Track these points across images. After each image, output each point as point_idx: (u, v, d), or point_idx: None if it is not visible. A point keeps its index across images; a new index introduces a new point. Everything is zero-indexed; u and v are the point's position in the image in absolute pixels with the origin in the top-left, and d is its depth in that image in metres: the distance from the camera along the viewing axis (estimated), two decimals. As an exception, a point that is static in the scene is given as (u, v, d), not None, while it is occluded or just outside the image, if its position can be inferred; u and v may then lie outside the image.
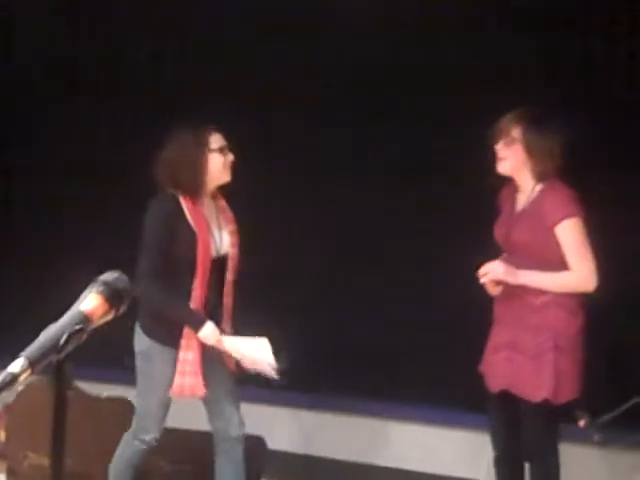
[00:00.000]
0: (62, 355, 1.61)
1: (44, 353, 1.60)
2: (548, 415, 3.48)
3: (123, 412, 4.44)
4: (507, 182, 3.65)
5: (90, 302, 1.67)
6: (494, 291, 3.54)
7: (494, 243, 3.63)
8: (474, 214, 3.91)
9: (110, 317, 1.72)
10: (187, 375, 3.59)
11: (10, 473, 4.43)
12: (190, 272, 3.53)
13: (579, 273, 3.45)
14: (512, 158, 3.50)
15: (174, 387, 3.61)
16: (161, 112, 4.57)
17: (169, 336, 3.58)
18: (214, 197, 3.69)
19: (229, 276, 3.67)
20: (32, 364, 1.58)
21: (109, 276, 1.72)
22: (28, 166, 5.25)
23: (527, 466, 3.64)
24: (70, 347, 1.63)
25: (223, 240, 3.65)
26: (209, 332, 3.54)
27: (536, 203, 3.51)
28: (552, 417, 3.49)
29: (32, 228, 5.28)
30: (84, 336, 1.64)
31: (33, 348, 1.61)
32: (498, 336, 3.60)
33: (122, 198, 4.75)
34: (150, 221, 3.56)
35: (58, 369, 1.62)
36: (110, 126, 5.01)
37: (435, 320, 4.18)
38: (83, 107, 5.12)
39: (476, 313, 3.74)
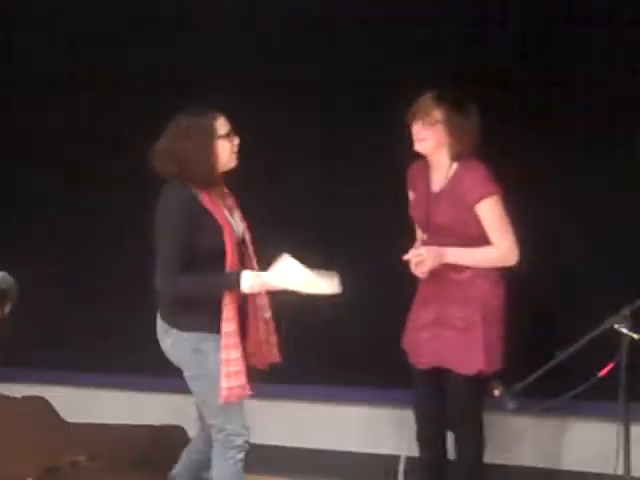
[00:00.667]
0: None
1: None
2: (477, 387, 3.59)
3: (39, 411, 4.52)
4: (413, 161, 3.73)
5: None
6: (422, 275, 3.60)
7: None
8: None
9: None
10: (232, 377, 3.31)
11: None
12: (219, 265, 3.30)
13: (501, 248, 3.57)
14: (433, 138, 3.57)
15: (222, 393, 3.30)
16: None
17: (211, 322, 3.30)
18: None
19: (252, 262, 3.45)
20: None
21: None
22: None
23: (451, 436, 3.79)
24: None
25: (239, 227, 3.45)
26: (250, 279, 3.27)
27: (454, 182, 3.59)
28: (480, 388, 3.58)
29: None
30: None
31: None
32: (422, 314, 3.69)
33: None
34: (170, 217, 3.29)
35: None
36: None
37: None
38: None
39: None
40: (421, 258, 3.54)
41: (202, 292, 3.34)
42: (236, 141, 3.40)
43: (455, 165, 3.60)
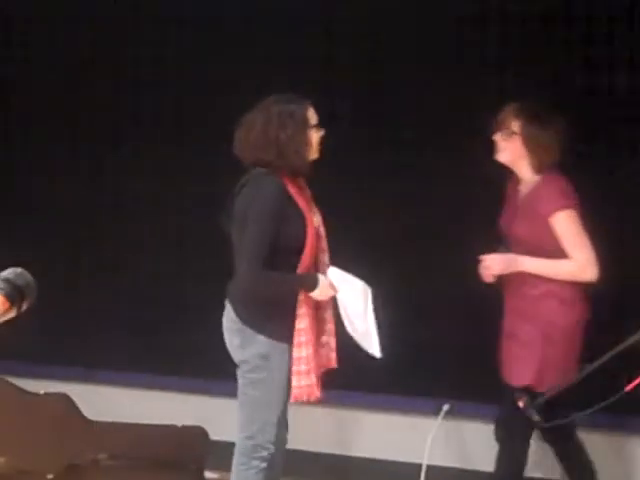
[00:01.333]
0: None
1: None
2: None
3: (62, 408, 4.44)
4: (511, 175, 3.73)
5: None
6: (488, 279, 3.64)
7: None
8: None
9: (11, 316, 1.62)
10: (303, 375, 3.29)
11: None
12: (295, 257, 3.28)
13: (577, 261, 3.54)
14: (510, 150, 3.60)
15: (292, 392, 3.31)
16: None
17: (285, 331, 3.29)
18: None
19: (325, 255, 3.43)
20: None
21: (10, 273, 1.64)
22: None
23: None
24: None
25: (317, 218, 3.42)
26: (324, 283, 3.26)
27: (532, 195, 3.62)
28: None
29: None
30: None
31: None
32: (504, 326, 3.73)
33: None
34: (263, 205, 3.26)
35: None
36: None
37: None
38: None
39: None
40: (490, 262, 3.58)
41: (281, 289, 3.32)
42: (322, 132, 3.36)
43: (536, 178, 3.61)
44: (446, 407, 4.15)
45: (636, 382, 2.82)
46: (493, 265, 3.61)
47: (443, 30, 4.44)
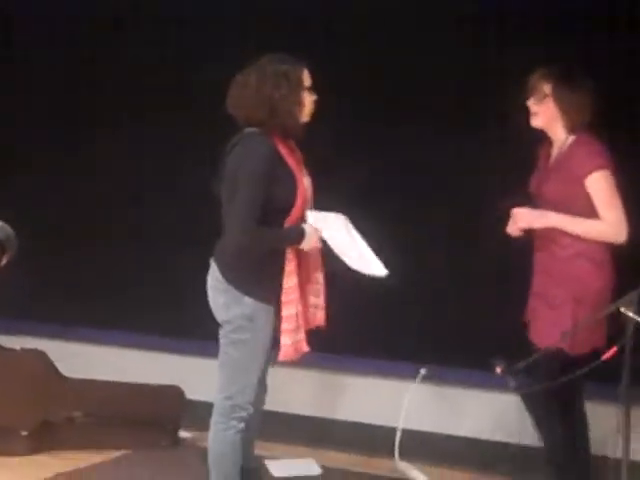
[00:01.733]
0: None
1: None
2: (562, 366, 3.46)
3: (38, 364, 4.54)
4: (545, 138, 3.72)
5: None
6: (514, 232, 3.61)
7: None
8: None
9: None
10: (292, 333, 3.27)
11: None
12: (283, 217, 3.24)
13: (609, 222, 3.52)
14: (544, 113, 3.60)
15: (281, 350, 3.28)
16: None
17: (271, 293, 3.25)
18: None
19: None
20: None
21: None
22: None
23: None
24: None
25: (307, 181, 3.39)
26: (310, 231, 3.24)
27: (566, 156, 3.60)
28: (567, 368, 3.40)
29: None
30: None
31: None
32: (533, 285, 3.70)
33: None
34: (255, 165, 3.21)
35: None
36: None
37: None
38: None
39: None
40: (520, 215, 3.58)
41: (273, 245, 3.28)
42: (314, 97, 3.33)
43: (570, 139, 3.61)
44: (423, 371, 4.17)
45: (612, 351, 2.83)
46: (522, 217, 3.59)
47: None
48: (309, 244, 3.26)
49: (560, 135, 3.64)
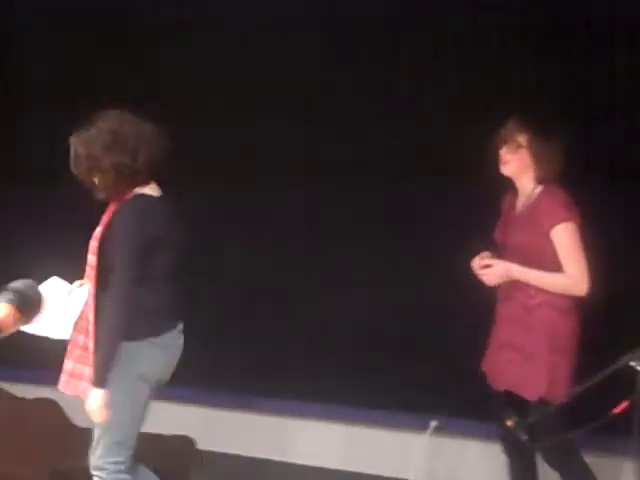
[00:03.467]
0: None
1: None
2: (552, 415, 3.46)
3: (49, 413, 4.61)
4: (510, 187, 3.80)
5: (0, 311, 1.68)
6: (489, 282, 3.69)
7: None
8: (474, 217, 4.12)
9: (22, 325, 1.82)
10: None
11: None
12: None
13: (571, 276, 3.58)
14: (516, 162, 3.67)
15: None
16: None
17: None
18: None
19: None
20: None
21: (20, 284, 1.84)
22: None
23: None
24: None
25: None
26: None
27: (533, 206, 3.67)
28: (556, 417, 3.47)
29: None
30: None
31: None
32: (499, 335, 3.75)
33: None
34: None
35: None
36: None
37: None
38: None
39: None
40: (487, 262, 3.66)
41: None
42: None
43: (538, 189, 3.68)
44: (434, 423, 4.18)
45: (623, 405, 2.85)
46: (489, 276, 3.67)
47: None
48: None
49: (528, 185, 3.69)
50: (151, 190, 3.39)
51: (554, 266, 3.60)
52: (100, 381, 3.26)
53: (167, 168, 3.44)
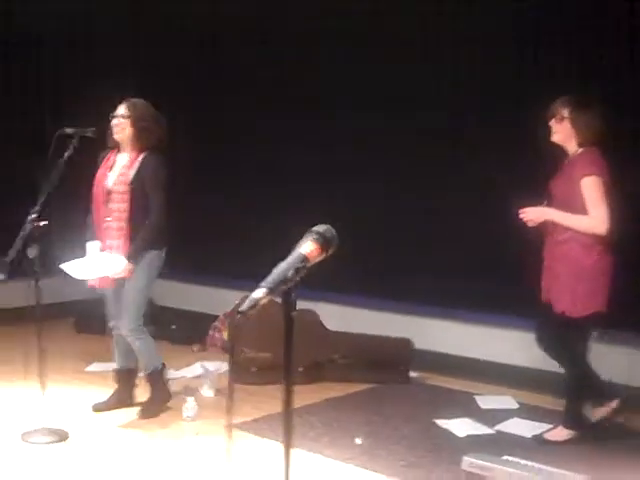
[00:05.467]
0: (289, 285, 2.00)
1: (277, 284, 1.98)
2: (566, 324, 4.38)
3: (311, 319, 5.72)
4: (560, 151, 4.52)
5: (308, 247, 2.04)
6: (530, 223, 4.45)
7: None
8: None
9: (321, 258, 2.06)
10: None
11: (232, 363, 5.49)
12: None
13: (593, 218, 4.30)
14: (561, 131, 4.44)
15: None
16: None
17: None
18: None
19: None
20: (269, 292, 1.97)
21: (320, 227, 2.08)
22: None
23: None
24: (295, 280, 2.00)
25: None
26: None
27: (572, 163, 4.43)
28: (569, 328, 4.38)
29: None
30: (304, 271, 2.02)
31: (269, 280, 1.98)
32: (545, 261, 4.53)
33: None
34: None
35: (287, 296, 2.02)
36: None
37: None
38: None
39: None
40: (527, 213, 4.44)
41: None
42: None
43: (578, 151, 4.42)
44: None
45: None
46: (529, 215, 4.41)
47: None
48: None
49: (572, 148, 4.44)
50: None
51: (583, 210, 4.30)
52: (134, 258, 4.73)
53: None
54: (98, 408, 5.02)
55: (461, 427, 4.79)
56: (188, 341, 6.67)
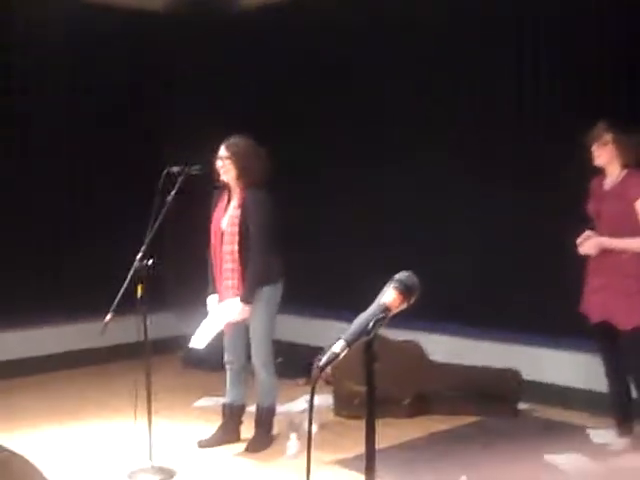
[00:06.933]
0: (370, 336, 1.96)
1: (357, 336, 1.96)
2: (635, 340, 4.53)
3: (415, 352, 5.71)
4: (596, 173, 4.77)
5: (389, 296, 2.00)
6: (583, 252, 4.70)
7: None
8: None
9: (404, 307, 2.00)
10: None
11: (336, 396, 5.66)
12: None
13: None
14: (605, 155, 4.64)
15: None
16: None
17: None
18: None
19: None
20: (349, 344, 1.96)
21: (402, 275, 2.04)
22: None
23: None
24: (376, 330, 1.95)
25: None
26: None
27: (622, 184, 4.63)
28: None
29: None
30: (386, 321, 1.97)
31: (349, 332, 1.97)
32: (594, 282, 4.71)
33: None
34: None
35: (368, 347, 1.97)
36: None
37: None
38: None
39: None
40: (586, 247, 4.67)
41: None
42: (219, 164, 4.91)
43: (624, 172, 4.65)
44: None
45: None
46: (586, 249, 4.64)
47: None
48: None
49: (615, 170, 4.67)
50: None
51: (636, 229, 4.51)
52: (245, 298, 4.80)
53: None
54: (203, 444, 5.07)
55: (573, 463, 4.65)
56: (293, 375, 6.67)
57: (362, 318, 2.00)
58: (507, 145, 5.98)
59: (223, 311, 4.87)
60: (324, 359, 1.96)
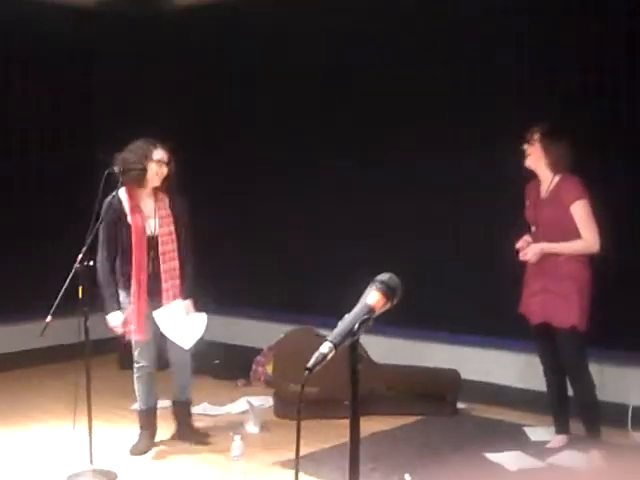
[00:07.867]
0: (355, 338, 1.97)
1: (343, 337, 1.95)
2: (577, 339, 4.67)
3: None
4: (531, 179, 4.83)
5: (373, 297, 2.00)
6: (525, 259, 4.79)
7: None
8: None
9: (387, 307, 2.02)
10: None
11: (276, 397, 5.58)
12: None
13: (587, 240, 4.61)
14: (533, 155, 4.70)
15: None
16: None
17: None
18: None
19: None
20: (336, 345, 1.95)
21: (384, 276, 2.04)
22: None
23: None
24: (361, 332, 1.96)
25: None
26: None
27: (556, 190, 4.67)
28: (580, 341, 4.68)
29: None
30: (371, 323, 1.98)
31: (335, 334, 1.96)
32: (534, 285, 4.79)
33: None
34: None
35: (353, 348, 2.00)
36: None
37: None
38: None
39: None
40: (525, 248, 4.76)
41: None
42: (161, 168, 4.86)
43: (556, 178, 4.69)
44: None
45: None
46: (529, 256, 4.72)
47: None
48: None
49: (546, 174, 4.71)
50: None
51: (572, 233, 4.60)
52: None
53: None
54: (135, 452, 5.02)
55: (512, 460, 4.70)
56: (232, 376, 6.63)
57: (347, 320, 2.00)
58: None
59: (193, 322, 4.90)
60: (312, 360, 1.95)
